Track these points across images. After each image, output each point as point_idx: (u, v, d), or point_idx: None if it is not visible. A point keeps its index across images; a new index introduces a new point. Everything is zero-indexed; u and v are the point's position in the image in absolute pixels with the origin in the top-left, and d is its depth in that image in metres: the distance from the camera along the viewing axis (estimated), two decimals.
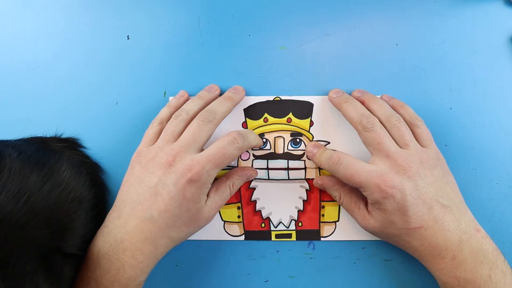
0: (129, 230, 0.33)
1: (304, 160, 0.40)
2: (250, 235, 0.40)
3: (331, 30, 0.41)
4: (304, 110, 0.41)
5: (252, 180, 0.41)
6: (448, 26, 0.41)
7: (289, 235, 0.40)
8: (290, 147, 0.40)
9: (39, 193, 0.31)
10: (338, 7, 0.41)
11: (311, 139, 0.40)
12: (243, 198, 0.41)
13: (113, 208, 0.36)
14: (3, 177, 0.29)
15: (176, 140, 0.36)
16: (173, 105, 0.40)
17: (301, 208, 0.40)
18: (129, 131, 0.41)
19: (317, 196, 0.40)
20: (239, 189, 0.41)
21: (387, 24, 0.41)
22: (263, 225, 0.40)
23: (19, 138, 0.40)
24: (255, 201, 0.40)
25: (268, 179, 0.40)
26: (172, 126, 0.37)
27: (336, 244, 0.41)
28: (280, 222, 0.40)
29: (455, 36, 0.41)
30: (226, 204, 0.40)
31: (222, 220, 0.40)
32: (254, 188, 0.41)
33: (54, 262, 0.31)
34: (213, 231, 0.40)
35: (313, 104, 0.41)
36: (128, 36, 0.42)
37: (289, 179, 0.40)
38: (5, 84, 0.42)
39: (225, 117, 0.39)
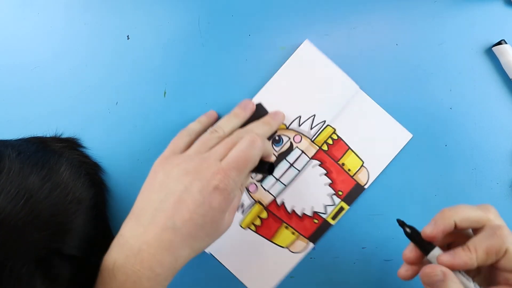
0: (148, 240, 0.31)
1: (297, 147, 0.40)
2: (314, 237, 0.40)
3: (331, 30, 0.41)
4: (259, 115, 0.40)
5: (276, 199, 0.40)
6: (448, 26, 0.41)
7: (341, 209, 0.40)
8: (276, 149, 0.40)
9: (38, 194, 0.30)
10: (338, 7, 0.41)
11: (286, 127, 0.40)
12: (283, 216, 0.41)
13: (130, 216, 0.33)
14: (2, 178, 0.29)
15: (207, 152, 0.35)
16: (204, 122, 0.39)
17: (330, 181, 0.40)
18: (129, 131, 0.41)
19: (331, 161, 0.41)
20: (274, 214, 0.40)
21: (387, 24, 0.41)
22: (315, 221, 0.40)
23: (19, 138, 0.40)
24: (293, 210, 0.40)
25: (286, 185, 0.40)
26: (207, 139, 0.35)
27: (336, 244, 0.41)
28: (325, 206, 0.40)
29: (455, 36, 0.41)
30: (274, 233, 0.40)
31: (284, 247, 0.40)
32: (283, 202, 0.41)
33: (52, 264, 0.31)
34: (284, 261, 0.40)
35: (260, 103, 0.40)
36: (128, 36, 0.42)
37: (299, 170, 0.40)
38: (5, 84, 0.42)
39: None
